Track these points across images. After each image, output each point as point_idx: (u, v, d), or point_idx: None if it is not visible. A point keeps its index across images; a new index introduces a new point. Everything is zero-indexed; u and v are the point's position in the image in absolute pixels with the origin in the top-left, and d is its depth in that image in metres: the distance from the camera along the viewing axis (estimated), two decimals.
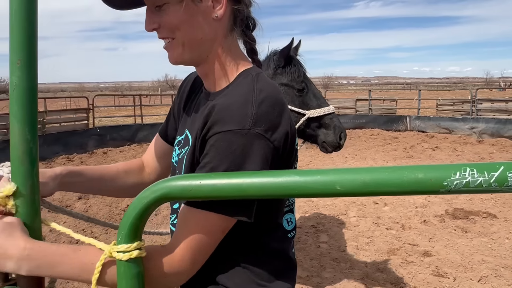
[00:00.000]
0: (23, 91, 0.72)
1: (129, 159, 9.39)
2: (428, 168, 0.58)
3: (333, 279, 3.46)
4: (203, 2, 0.88)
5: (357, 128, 13.52)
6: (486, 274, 3.47)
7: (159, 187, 0.66)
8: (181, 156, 0.96)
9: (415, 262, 3.78)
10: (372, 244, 4.24)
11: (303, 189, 0.61)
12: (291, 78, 2.30)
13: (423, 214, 5.13)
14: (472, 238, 4.33)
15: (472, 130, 11.88)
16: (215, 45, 0.93)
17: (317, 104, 2.33)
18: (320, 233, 4.56)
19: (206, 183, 0.65)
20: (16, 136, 0.72)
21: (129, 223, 0.67)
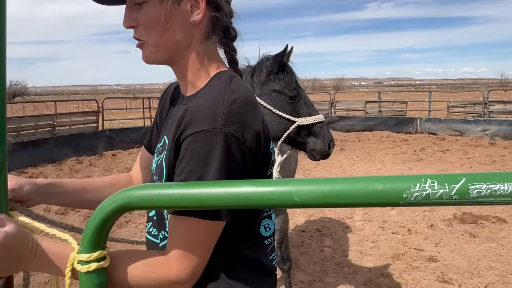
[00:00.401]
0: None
1: None
2: (388, 179, 0.57)
3: (336, 284, 3.43)
4: (181, 6, 0.87)
5: (366, 131, 13.41)
6: (493, 281, 3.40)
7: (119, 197, 0.66)
8: (159, 162, 0.95)
9: (420, 267, 3.72)
10: (376, 249, 4.19)
11: (261, 200, 0.61)
12: (284, 85, 2.28)
13: (431, 218, 5.05)
14: (480, 243, 4.24)
15: (484, 133, 11.68)
16: (190, 49, 0.93)
17: (308, 112, 2.31)
18: (324, 237, 4.52)
19: (165, 192, 0.64)
20: None
21: (90, 233, 0.67)
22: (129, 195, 0.65)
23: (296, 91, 2.32)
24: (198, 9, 0.88)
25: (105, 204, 0.66)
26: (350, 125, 13.80)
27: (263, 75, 2.32)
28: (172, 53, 0.92)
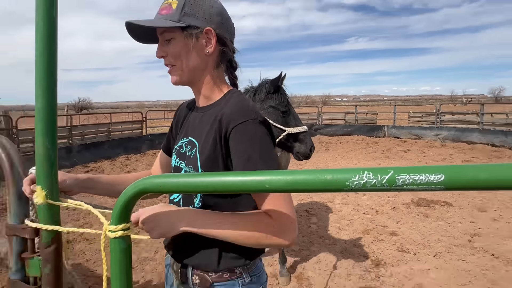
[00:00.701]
0: (44, 114, 0.73)
1: None
2: (335, 171, 0.56)
3: (319, 252, 3.41)
4: (199, 41, 0.90)
5: (345, 135, 13.28)
6: (441, 251, 3.35)
7: (138, 184, 0.66)
8: (192, 156, 0.94)
9: (384, 240, 3.68)
10: (351, 225, 4.15)
11: (240, 186, 0.61)
12: (278, 102, 2.29)
13: (394, 202, 4.98)
14: (431, 222, 4.18)
15: (436, 137, 11.50)
16: (205, 73, 0.95)
17: (295, 124, 2.32)
18: (311, 216, 4.50)
19: (170, 181, 0.65)
20: (40, 145, 0.74)
21: (118, 210, 0.68)
22: (146, 182, 0.66)
23: (287, 107, 2.33)
24: (211, 44, 0.91)
25: (129, 189, 0.66)
26: (333, 130, 13.70)
27: (262, 94, 2.33)
28: (192, 76, 0.94)
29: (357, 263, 3.15)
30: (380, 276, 2.92)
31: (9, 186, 0.79)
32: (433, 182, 0.52)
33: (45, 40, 0.73)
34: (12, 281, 0.78)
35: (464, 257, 3.20)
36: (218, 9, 0.91)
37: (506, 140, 9.70)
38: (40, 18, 0.73)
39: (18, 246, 0.78)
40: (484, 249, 3.34)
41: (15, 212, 0.78)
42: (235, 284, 0.90)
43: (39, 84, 0.73)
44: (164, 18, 0.87)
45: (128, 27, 0.89)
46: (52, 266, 0.76)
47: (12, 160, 0.80)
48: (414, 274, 2.92)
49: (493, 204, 4.76)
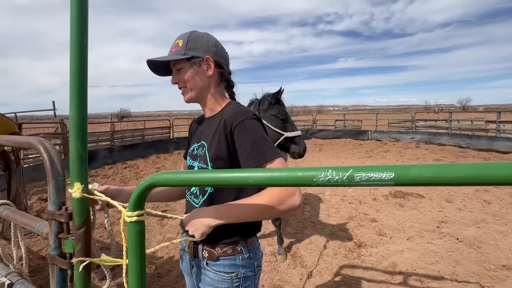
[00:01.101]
0: (76, 121, 0.74)
1: None
2: (305, 169, 0.56)
3: (311, 235, 3.37)
4: (201, 67, 0.94)
5: (336, 138, 13.15)
6: (413, 235, 3.27)
7: (149, 179, 0.66)
8: (202, 154, 0.96)
9: (366, 225, 3.62)
10: (338, 213, 4.09)
11: (230, 181, 0.61)
12: (278, 111, 2.30)
13: (374, 194, 4.90)
14: (406, 211, 4.09)
15: (412, 139, 11.28)
16: (209, 91, 0.98)
17: (292, 129, 2.32)
18: (305, 205, 4.45)
19: (173, 176, 0.65)
20: (72, 147, 0.75)
21: (133, 200, 0.68)
22: (156, 178, 0.66)
23: (285, 116, 2.34)
24: (210, 68, 0.95)
25: (142, 183, 0.67)
26: (326, 134, 13.58)
27: (265, 105, 2.34)
28: (199, 94, 0.97)
29: (342, 244, 3.11)
30: (361, 256, 2.88)
31: (49, 180, 0.80)
32: (385, 179, 0.51)
33: (77, 61, 0.75)
34: (51, 256, 0.80)
35: (432, 240, 3.12)
36: (213, 42, 0.96)
37: (471, 142, 9.46)
38: (74, 44, 0.74)
39: (56, 228, 0.79)
40: (450, 234, 3.25)
41: (54, 200, 0.80)
42: (236, 258, 0.91)
43: (72, 97, 0.74)
44: (174, 53, 0.94)
45: (149, 64, 0.96)
46: (83, 244, 0.77)
47: (52, 159, 0.81)
48: (390, 254, 2.86)
49: (459, 196, 4.63)
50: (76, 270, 0.77)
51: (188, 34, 0.94)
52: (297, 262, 2.78)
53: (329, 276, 2.53)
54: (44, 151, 0.81)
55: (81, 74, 0.75)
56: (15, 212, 0.97)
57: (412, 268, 2.58)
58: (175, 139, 11.37)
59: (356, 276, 2.51)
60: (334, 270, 2.63)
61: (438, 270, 2.54)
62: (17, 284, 0.97)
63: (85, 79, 0.76)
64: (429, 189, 5.06)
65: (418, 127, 11.86)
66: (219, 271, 0.90)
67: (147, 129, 10.89)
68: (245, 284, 0.91)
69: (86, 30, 0.76)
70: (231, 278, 0.89)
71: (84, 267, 0.78)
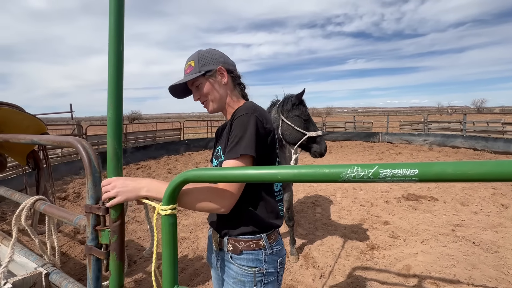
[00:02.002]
0: (113, 122, 0.80)
1: (204, 159, 9.67)
2: (332, 166, 0.59)
3: (322, 237, 3.37)
4: (216, 78, 1.02)
5: (345, 140, 13.03)
6: (427, 238, 3.23)
7: (182, 175, 0.71)
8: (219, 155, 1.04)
9: (378, 228, 3.58)
10: (349, 215, 4.07)
11: (259, 177, 0.65)
12: (301, 112, 2.36)
13: (386, 197, 4.84)
14: (419, 214, 4.03)
15: (424, 142, 11.06)
16: (227, 97, 1.05)
17: (313, 129, 2.38)
18: (316, 207, 4.45)
19: (206, 173, 0.70)
20: (110, 146, 0.81)
21: (167, 194, 0.73)
22: (188, 174, 0.71)
23: (308, 116, 2.40)
24: (224, 76, 1.02)
25: (175, 179, 0.72)
26: (335, 136, 13.48)
27: (289, 105, 2.41)
28: (221, 102, 1.04)
29: (355, 246, 3.10)
30: (374, 258, 2.86)
31: (87, 176, 0.87)
32: (409, 175, 0.54)
33: (114, 67, 0.81)
34: (88, 247, 0.86)
35: (448, 244, 3.07)
36: (220, 54, 1.05)
37: (486, 145, 9.20)
38: (112, 52, 0.81)
39: (93, 221, 0.86)
40: (466, 237, 3.19)
41: (92, 195, 0.86)
42: (259, 253, 0.95)
43: (110, 100, 0.80)
44: (190, 74, 1.01)
45: (170, 89, 1.04)
46: (118, 236, 0.83)
47: (90, 157, 0.88)
48: (403, 257, 2.83)
49: (474, 199, 4.53)
50: (112, 260, 0.82)
51: (197, 54, 1.03)
52: (310, 263, 2.79)
53: (342, 278, 2.53)
54: (82, 149, 0.88)
55: (118, 78, 0.81)
56: (52, 207, 1.04)
57: (427, 271, 2.55)
58: (185, 141, 11.54)
59: (369, 278, 2.50)
60: (347, 271, 2.62)
61: (454, 273, 2.50)
62: (53, 273, 1.04)
63: (121, 83, 0.83)
64: (443, 192, 4.96)
65: (431, 129, 11.62)
66: (243, 265, 0.94)
67: (159, 131, 11.09)
68: (267, 280, 0.94)
69: (122, 39, 0.82)
70: (254, 272, 0.93)
71: (118, 257, 0.83)
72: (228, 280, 0.97)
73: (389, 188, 5.35)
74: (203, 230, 3.66)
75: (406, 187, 5.38)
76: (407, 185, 5.53)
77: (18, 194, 1.22)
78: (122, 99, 0.82)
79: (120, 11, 0.81)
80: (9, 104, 1.42)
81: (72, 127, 8.50)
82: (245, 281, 0.93)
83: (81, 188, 5.73)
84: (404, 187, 5.36)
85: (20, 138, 1.14)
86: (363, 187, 5.45)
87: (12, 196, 1.23)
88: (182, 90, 1.06)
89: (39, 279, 1.03)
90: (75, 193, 5.32)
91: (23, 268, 1.15)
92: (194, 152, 11.12)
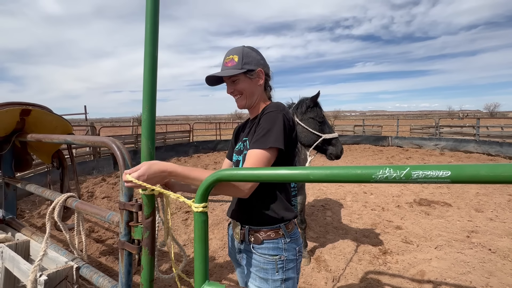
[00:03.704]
0: (148, 123, 0.85)
1: (213, 161, 9.74)
2: (364, 167, 0.61)
3: (333, 240, 3.36)
4: (254, 77, 1.07)
5: (354, 144, 12.91)
6: (441, 244, 3.17)
7: (215, 174, 0.75)
8: (243, 147, 1.09)
9: (390, 232, 3.54)
10: (360, 219, 4.03)
11: (291, 177, 0.67)
12: (316, 114, 2.38)
13: (398, 201, 4.78)
14: (432, 219, 3.96)
15: (436, 146, 10.86)
16: (259, 97, 1.11)
17: (329, 131, 2.38)
18: (326, 210, 4.43)
19: (237, 172, 0.73)
20: (144, 145, 0.86)
21: (200, 192, 0.77)
22: (220, 173, 0.74)
23: (323, 118, 2.41)
24: (261, 78, 1.08)
25: (208, 178, 0.75)
26: (344, 140, 13.35)
27: (304, 108, 2.43)
28: (252, 101, 1.09)
29: (367, 250, 3.07)
30: (387, 263, 2.83)
31: (122, 174, 0.91)
32: (441, 177, 0.56)
33: (150, 71, 0.86)
34: (121, 242, 0.90)
35: (463, 250, 3.01)
36: (261, 56, 1.11)
37: (501, 150, 8.97)
38: (147, 57, 0.85)
39: (126, 217, 0.90)
40: (481, 244, 3.12)
41: (125, 193, 0.90)
42: (279, 242, 1.00)
43: (145, 102, 0.85)
44: (231, 68, 1.05)
45: (207, 77, 1.08)
46: (150, 232, 0.87)
47: (124, 156, 0.92)
48: (417, 263, 2.80)
49: (490, 206, 4.42)
50: (144, 255, 0.86)
51: (241, 50, 1.07)
52: (321, 266, 2.79)
53: (355, 281, 2.52)
54: (117, 149, 0.93)
55: (152, 82, 0.86)
56: (84, 204, 1.09)
57: (442, 277, 2.51)
58: (194, 143, 11.64)
59: (382, 283, 2.48)
60: (359, 275, 2.61)
61: (470, 280, 2.45)
62: (83, 267, 1.09)
63: (155, 87, 0.87)
64: (456, 198, 4.87)
65: (443, 133, 11.41)
66: (264, 253, 0.99)
67: (168, 133, 11.23)
68: (288, 266, 1.00)
69: (157, 45, 0.87)
70: (275, 260, 0.99)
71: (150, 252, 0.87)
72: (252, 269, 1.02)
73: (400, 192, 5.28)
74: (213, 231, 3.69)
75: (418, 192, 5.29)
76: (419, 190, 5.45)
77: (49, 192, 1.28)
78: (155, 101, 0.87)
79: (155, 18, 0.86)
80: (40, 106, 1.49)
81: (85, 128, 8.71)
82: (267, 269, 0.99)
83: (94, 187, 5.86)
84: (416, 192, 5.28)
85: (53, 138, 1.20)
86: (373, 191, 5.39)
87: (43, 193, 1.29)
88: (216, 79, 1.10)
89: (70, 273, 1.07)
90: (88, 193, 5.45)
91: (53, 262, 1.20)
92: (203, 154, 11.21)
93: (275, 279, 0.97)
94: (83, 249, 1.22)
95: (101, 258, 2.93)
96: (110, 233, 3.57)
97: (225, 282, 2.52)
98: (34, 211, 4.37)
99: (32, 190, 1.35)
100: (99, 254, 3.03)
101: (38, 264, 1.02)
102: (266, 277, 0.98)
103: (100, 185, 6.03)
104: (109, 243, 3.29)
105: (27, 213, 4.27)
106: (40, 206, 4.56)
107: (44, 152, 1.79)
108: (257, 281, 1.00)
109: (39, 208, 4.49)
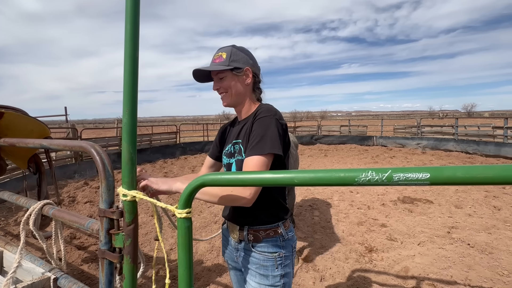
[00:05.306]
0: (128, 126, 0.82)
1: (200, 163, 9.63)
2: (347, 170, 0.62)
3: (321, 240, 3.39)
4: (241, 76, 1.06)
5: (341, 144, 13.16)
6: (424, 240, 3.28)
7: (198, 179, 0.73)
8: (238, 149, 1.07)
9: (375, 230, 3.63)
10: (347, 218, 4.11)
11: (276, 181, 0.67)
12: None
13: (382, 199, 4.90)
14: (415, 216, 4.10)
15: (418, 145, 11.25)
16: (246, 96, 1.10)
17: None
18: (314, 210, 4.48)
19: (220, 177, 0.71)
20: (125, 150, 0.83)
21: (183, 198, 0.74)
22: (204, 178, 0.72)
23: None
24: (249, 77, 1.07)
25: (192, 183, 0.73)
26: (331, 140, 13.60)
27: None
28: (238, 99, 1.08)
29: (353, 249, 3.13)
30: (373, 260, 2.89)
31: (101, 180, 0.88)
32: (421, 179, 0.57)
33: (130, 73, 0.83)
34: (101, 251, 0.86)
35: (444, 246, 3.13)
36: (251, 56, 1.10)
37: (478, 148, 9.41)
38: (127, 58, 0.82)
39: (107, 224, 0.86)
40: (461, 239, 3.25)
41: (106, 199, 0.87)
42: (277, 240, 1.04)
43: (126, 105, 0.82)
44: (219, 64, 1.05)
45: (194, 72, 1.07)
46: (132, 239, 0.84)
47: (104, 162, 0.89)
48: (401, 259, 2.88)
49: (468, 202, 4.62)
50: (126, 263, 0.83)
51: (230, 48, 1.07)
52: (309, 266, 2.81)
53: (342, 280, 2.56)
54: (96, 154, 0.89)
55: (133, 84, 0.83)
56: (62, 211, 1.04)
57: (424, 273, 2.60)
58: (181, 144, 11.48)
59: (368, 281, 2.53)
60: (346, 274, 2.65)
61: (451, 275, 2.55)
62: (62, 278, 1.04)
63: (136, 89, 0.84)
64: (437, 195, 5.06)
65: (424, 133, 11.83)
66: (264, 251, 1.02)
67: (154, 134, 11.02)
68: (285, 262, 1.04)
69: (137, 46, 0.84)
70: (274, 257, 1.02)
71: (132, 261, 0.84)
72: (251, 266, 1.04)
73: (385, 191, 5.42)
74: (201, 234, 3.64)
75: (402, 189, 5.45)
76: (403, 187, 5.61)
77: (24, 199, 1.21)
78: (136, 104, 0.84)
79: (135, 18, 0.83)
80: (13, 108, 1.41)
81: (66, 130, 8.39)
82: (267, 265, 1.01)
83: (76, 192, 5.64)
84: (400, 190, 5.43)
85: (28, 143, 1.14)
86: (359, 190, 5.51)
87: (17, 200, 1.23)
88: (205, 76, 1.10)
89: (47, 284, 1.02)
90: (70, 198, 5.25)
91: (29, 273, 1.14)
92: (190, 155, 11.07)
93: (275, 275, 1.01)
94: (62, 258, 1.17)
95: (83, 265, 2.82)
96: (92, 239, 3.45)
97: (213, 285, 2.49)
98: (10, 218, 4.15)
99: (6, 198, 1.28)
100: (81, 261, 2.92)
101: (11, 277, 0.97)
102: (266, 274, 1.02)
103: (82, 190, 5.82)
104: (91, 250, 3.18)
105: (2, 221, 4.05)
106: (17, 213, 4.34)
107: (19, 157, 1.70)
108: (257, 277, 1.03)
109: (16, 215, 4.27)
